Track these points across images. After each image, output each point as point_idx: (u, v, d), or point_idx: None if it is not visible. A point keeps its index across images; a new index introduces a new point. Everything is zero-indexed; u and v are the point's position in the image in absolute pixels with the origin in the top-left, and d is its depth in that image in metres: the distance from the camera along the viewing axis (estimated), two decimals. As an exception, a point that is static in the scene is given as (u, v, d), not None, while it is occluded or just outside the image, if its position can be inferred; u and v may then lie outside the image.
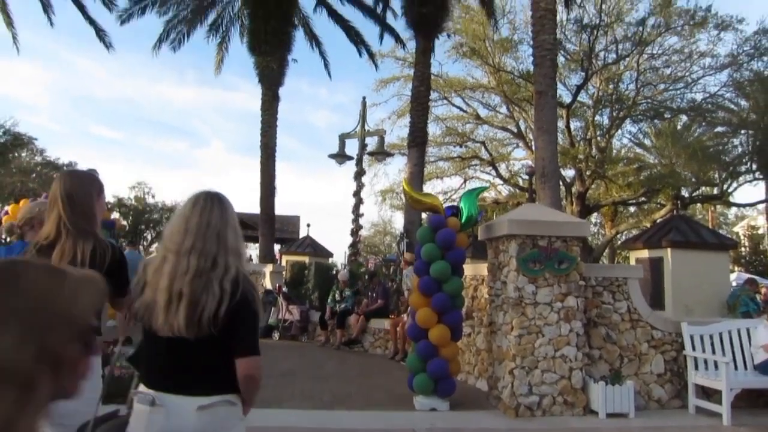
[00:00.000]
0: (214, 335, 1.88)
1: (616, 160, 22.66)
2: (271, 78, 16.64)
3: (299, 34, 18.23)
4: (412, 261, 9.24)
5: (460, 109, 24.12)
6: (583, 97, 22.15)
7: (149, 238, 47.68)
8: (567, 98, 21.20)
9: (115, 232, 19.38)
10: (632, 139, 23.86)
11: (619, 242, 24.42)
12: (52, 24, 19.34)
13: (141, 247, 40.02)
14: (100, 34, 18.53)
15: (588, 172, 21.07)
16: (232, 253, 1.97)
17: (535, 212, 7.10)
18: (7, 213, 15.35)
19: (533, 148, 21.29)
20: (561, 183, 16.21)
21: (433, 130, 22.52)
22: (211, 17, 18.80)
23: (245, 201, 73.04)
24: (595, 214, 25.85)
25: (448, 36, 20.01)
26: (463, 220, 6.80)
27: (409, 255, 10.10)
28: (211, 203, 2.04)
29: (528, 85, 19.87)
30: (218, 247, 1.96)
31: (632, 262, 11.92)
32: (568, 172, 22.25)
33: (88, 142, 72.57)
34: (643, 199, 21.99)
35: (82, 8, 18.16)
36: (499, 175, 24.61)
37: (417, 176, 13.36)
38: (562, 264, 6.33)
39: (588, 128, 22.54)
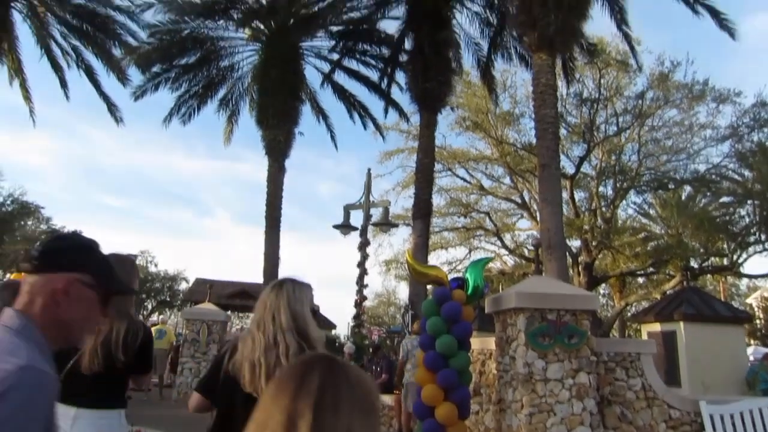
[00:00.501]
0: None
1: (622, 231, 22.60)
2: (277, 150, 16.93)
3: (306, 108, 18.74)
4: (419, 331, 9.03)
5: (464, 180, 24.41)
6: (586, 168, 22.42)
7: (149, 307, 47.24)
8: (570, 169, 21.44)
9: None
10: (637, 209, 23.93)
11: (629, 314, 23.96)
12: (68, 98, 20.10)
13: (141, 316, 39.55)
14: (112, 109, 19.17)
15: (594, 243, 20.97)
16: (289, 331, 2.22)
17: (543, 284, 6.95)
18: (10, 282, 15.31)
19: (538, 218, 21.34)
20: (567, 254, 16.07)
21: (438, 200, 22.69)
22: (222, 92, 19.41)
23: (249, 270, 72.98)
24: (603, 285, 25.53)
25: (452, 110, 20.55)
26: (469, 292, 6.65)
27: (417, 325, 9.85)
28: (279, 288, 2.31)
29: (531, 157, 20.16)
30: (275, 326, 2.22)
31: (644, 335, 11.61)
32: (574, 243, 22.16)
33: (95, 210, 73.58)
34: (651, 269, 21.75)
35: (96, 84, 18.89)
36: (505, 246, 24.53)
37: (422, 247, 13.29)
38: (572, 338, 6.12)
39: (592, 199, 22.65)
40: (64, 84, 19.35)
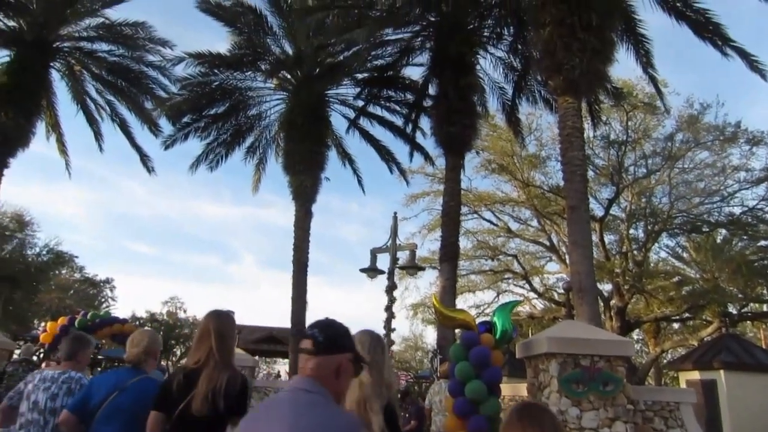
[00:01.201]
0: None
1: (654, 274, 22.05)
2: (304, 195, 17.15)
3: (332, 153, 19.05)
4: (446, 374, 8.83)
5: (491, 222, 24.30)
6: (615, 210, 22.14)
7: (178, 353, 47.35)
8: (599, 212, 21.19)
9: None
10: (670, 252, 23.38)
11: (665, 361, 23.11)
12: (102, 150, 20.92)
13: (170, 363, 39.64)
14: (144, 159, 19.84)
15: (626, 287, 20.47)
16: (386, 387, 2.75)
17: (576, 329, 6.76)
18: (45, 331, 15.55)
19: (567, 261, 21.00)
20: (599, 298, 15.72)
21: (465, 243, 22.57)
22: (249, 140, 19.88)
23: (275, 315, 72.93)
24: (637, 330, 24.77)
25: (477, 153, 20.66)
26: (497, 336, 6.50)
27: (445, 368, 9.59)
28: (380, 341, 3.03)
29: (558, 199, 20.01)
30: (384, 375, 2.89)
31: (682, 384, 11.14)
32: (605, 287, 21.68)
33: (126, 258, 75.08)
34: (687, 315, 21.06)
35: (129, 136, 19.61)
36: (533, 289, 24.13)
37: (449, 291, 13.13)
38: (607, 385, 5.90)
39: (623, 242, 22.24)
40: (98, 137, 20.16)
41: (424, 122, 17.40)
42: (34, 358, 11.70)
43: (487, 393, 6.10)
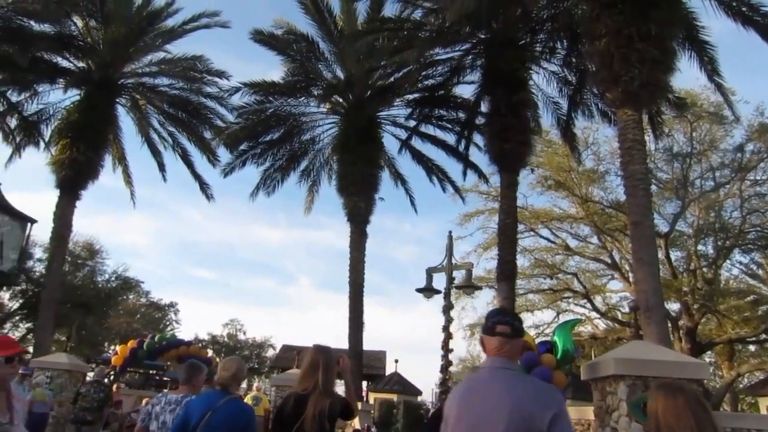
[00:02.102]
0: None
1: (726, 293, 20.86)
2: (358, 217, 17.29)
3: (384, 174, 19.17)
4: None
5: (548, 240, 23.72)
6: (681, 226, 21.19)
7: (239, 374, 48.10)
8: (664, 228, 20.33)
9: (211, 369, 19.82)
10: (744, 269, 22.09)
11: (742, 386, 21.72)
12: (165, 180, 21.84)
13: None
14: (204, 187, 20.58)
15: (695, 306, 19.44)
16: None
17: (645, 350, 6.43)
18: (116, 353, 16.20)
19: (631, 280, 20.18)
20: (666, 318, 14.99)
21: (521, 262, 22.09)
22: (303, 164, 20.28)
23: (330, 336, 73.33)
24: (708, 352, 23.43)
25: (531, 171, 20.28)
26: (558, 356, 6.27)
27: None
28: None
29: (619, 215, 19.36)
30: None
31: (762, 410, 10.41)
32: (673, 306, 20.67)
33: (188, 282, 77.53)
34: (765, 336, 19.76)
35: (190, 165, 20.41)
36: (595, 308, 23.28)
37: (508, 309, 12.84)
38: (680, 409, 5.55)
39: (691, 258, 21.21)
40: (162, 167, 21.07)
41: (477, 140, 17.29)
42: (105, 380, 12.11)
43: (550, 417, 5.86)
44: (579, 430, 7.22)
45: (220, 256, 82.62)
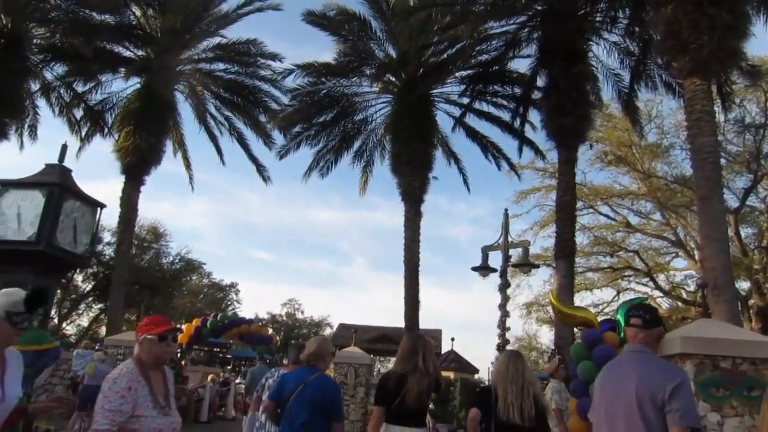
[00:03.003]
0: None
1: (801, 270, 19.75)
2: (413, 196, 17.25)
3: (438, 153, 18.98)
4: (554, 372, 8.48)
5: (608, 217, 23.03)
6: (752, 201, 20.10)
7: (298, 352, 49.41)
8: (734, 203, 19.36)
9: (271, 347, 20.42)
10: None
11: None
12: (223, 164, 22.41)
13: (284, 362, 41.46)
14: (260, 170, 20.99)
15: (767, 284, 18.51)
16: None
17: (714, 329, 6.19)
18: (181, 332, 16.94)
19: (697, 257, 19.39)
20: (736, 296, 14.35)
21: (580, 239, 21.56)
22: (357, 145, 20.33)
23: (386, 315, 74.05)
24: (783, 332, 22.32)
25: (591, 145, 19.62)
26: (621, 335, 6.10)
27: (551, 364, 9.20)
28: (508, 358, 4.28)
29: (685, 191, 18.56)
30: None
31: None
32: (743, 284, 19.74)
33: (248, 264, 79.63)
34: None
35: (247, 149, 20.85)
36: (658, 287, 22.54)
37: (566, 288, 12.58)
38: (752, 390, 5.33)
39: (762, 235, 20.15)
40: (219, 152, 21.62)
41: (534, 116, 16.87)
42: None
43: (613, 395, 5.74)
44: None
45: (277, 238, 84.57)
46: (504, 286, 13.29)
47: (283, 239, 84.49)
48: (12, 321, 2.63)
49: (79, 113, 20.01)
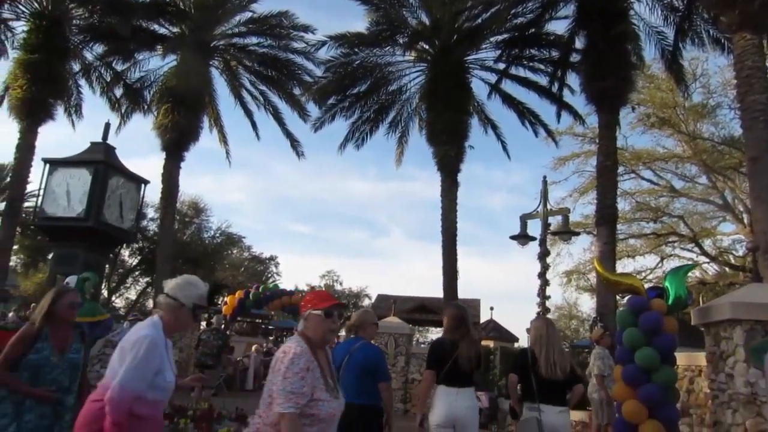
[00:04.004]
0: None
1: None
2: (449, 165, 17.11)
3: (474, 121, 18.71)
4: (599, 339, 8.41)
5: (651, 182, 22.41)
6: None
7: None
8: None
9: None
10: None
11: None
12: (259, 139, 22.67)
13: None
14: (294, 144, 21.09)
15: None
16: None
17: (765, 293, 6.01)
18: (225, 303, 17.41)
19: (746, 221, 18.76)
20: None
21: (622, 205, 21.08)
22: (391, 115, 20.18)
23: (424, 286, 74.39)
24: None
25: (633, 108, 18.98)
26: (670, 302, 5.96)
27: (596, 332, 9.12)
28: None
29: (733, 152, 17.88)
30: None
31: None
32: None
33: (285, 237, 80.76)
34: None
35: (281, 123, 20.94)
36: (704, 252, 21.94)
37: (608, 256, 12.35)
38: (806, 355, 5.17)
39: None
40: (254, 126, 21.81)
41: (572, 80, 16.40)
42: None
43: (659, 361, 5.66)
44: (689, 376, 6.95)
45: (314, 210, 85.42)
46: (543, 255, 13.17)
47: (319, 211, 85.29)
48: (194, 313, 2.87)
49: (118, 92, 20.43)
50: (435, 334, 22.37)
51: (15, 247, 22.00)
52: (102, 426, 2.50)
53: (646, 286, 6.63)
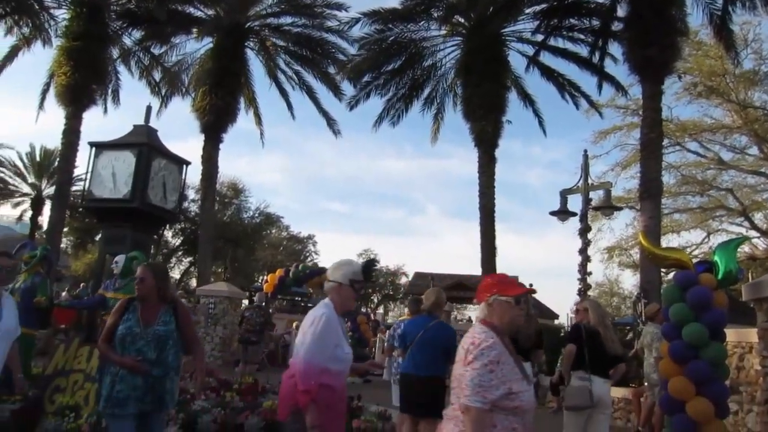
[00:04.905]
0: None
1: None
2: (486, 141, 16.87)
3: (511, 95, 18.33)
4: (653, 315, 8.21)
5: (697, 154, 21.64)
6: None
7: (375, 300, 50.68)
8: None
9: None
10: None
11: None
12: (294, 118, 22.81)
13: (368, 309, 42.73)
14: (330, 123, 21.14)
15: None
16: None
17: (822, 265, 5.76)
18: (266, 281, 17.72)
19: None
20: None
21: (666, 179, 20.40)
22: (426, 91, 19.95)
23: (460, 263, 74.33)
24: None
25: (679, 77, 18.25)
26: (720, 277, 5.76)
27: (651, 308, 8.92)
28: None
29: (786, 120, 17.04)
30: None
31: None
32: None
33: (322, 216, 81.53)
34: None
35: (316, 102, 20.97)
36: (755, 227, 21.15)
37: (652, 230, 12.02)
38: None
39: None
40: (289, 106, 21.90)
41: (615, 49, 15.83)
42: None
43: (707, 337, 5.50)
44: (739, 353, 6.76)
45: (350, 189, 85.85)
46: (584, 230, 12.92)
47: (355, 190, 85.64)
48: (354, 287, 3.17)
49: (157, 76, 20.79)
50: (472, 311, 22.29)
51: (65, 229, 22.82)
52: (296, 400, 2.93)
53: (693, 261, 6.43)
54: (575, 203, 14.42)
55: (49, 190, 28.23)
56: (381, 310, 48.58)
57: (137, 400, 3.29)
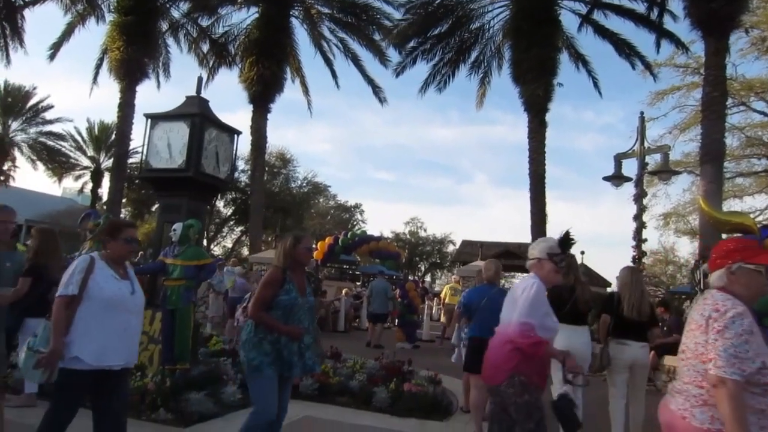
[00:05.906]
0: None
1: None
2: (536, 105, 16.39)
3: (563, 57, 17.68)
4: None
5: (764, 113, 20.38)
6: None
7: (422, 268, 50.85)
8: None
9: (399, 262, 21.19)
10: None
11: None
12: (338, 87, 22.69)
13: (416, 276, 42.91)
14: (376, 90, 20.94)
15: None
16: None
17: None
18: (317, 249, 18.01)
19: None
20: None
21: (729, 141, 19.43)
22: (473, 55, 19.49)
23: (508, 231, 73.48)
24: None
25: (746, 32, 17.12)
26: (789, 242, 5.46)
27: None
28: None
29: None
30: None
31: None
32: None
33: (369, 185, 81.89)
34: None
35: (362, 70, 20.79)
36: (825, 191, 19.95)
37: (714, 195, 11.49)
38: None
39: None
40: (334, 75, 21.81)
41: (674, 5, 14.99)
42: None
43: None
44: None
45: (396, 158, 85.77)
46: (639, 196, 12.48)
47: (402, 158, 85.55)
48: (553, 260, 3.30)
49: (205, 48, 21.04)
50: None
51: (123, 200, 23.70)
52: (513, 365, 3.10)
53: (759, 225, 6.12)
54: (630, 168, 13.88)
55: (107, 162, 29.31)
56: (428, 278, 48.78)
57: (291, 366, 3.47)
